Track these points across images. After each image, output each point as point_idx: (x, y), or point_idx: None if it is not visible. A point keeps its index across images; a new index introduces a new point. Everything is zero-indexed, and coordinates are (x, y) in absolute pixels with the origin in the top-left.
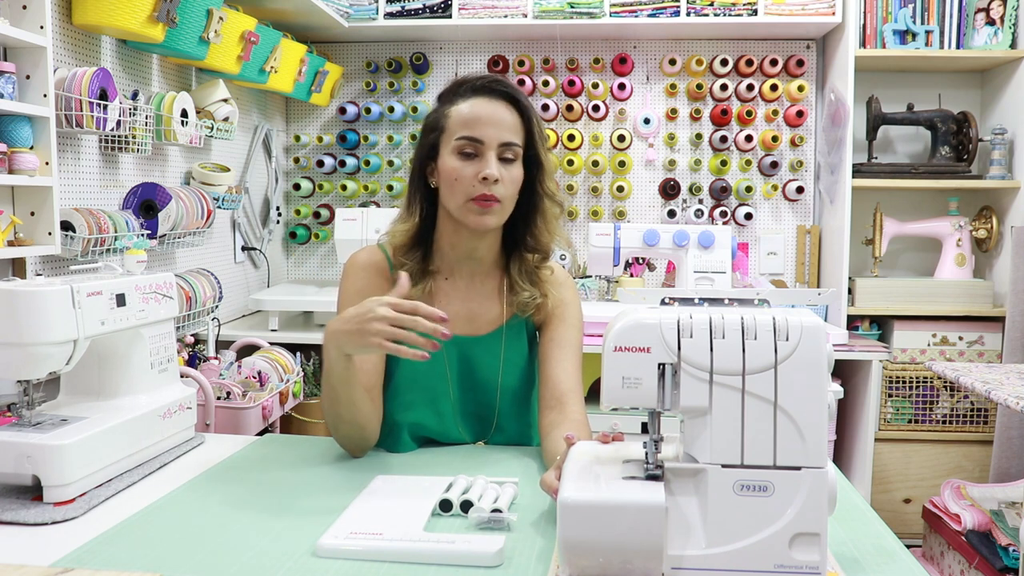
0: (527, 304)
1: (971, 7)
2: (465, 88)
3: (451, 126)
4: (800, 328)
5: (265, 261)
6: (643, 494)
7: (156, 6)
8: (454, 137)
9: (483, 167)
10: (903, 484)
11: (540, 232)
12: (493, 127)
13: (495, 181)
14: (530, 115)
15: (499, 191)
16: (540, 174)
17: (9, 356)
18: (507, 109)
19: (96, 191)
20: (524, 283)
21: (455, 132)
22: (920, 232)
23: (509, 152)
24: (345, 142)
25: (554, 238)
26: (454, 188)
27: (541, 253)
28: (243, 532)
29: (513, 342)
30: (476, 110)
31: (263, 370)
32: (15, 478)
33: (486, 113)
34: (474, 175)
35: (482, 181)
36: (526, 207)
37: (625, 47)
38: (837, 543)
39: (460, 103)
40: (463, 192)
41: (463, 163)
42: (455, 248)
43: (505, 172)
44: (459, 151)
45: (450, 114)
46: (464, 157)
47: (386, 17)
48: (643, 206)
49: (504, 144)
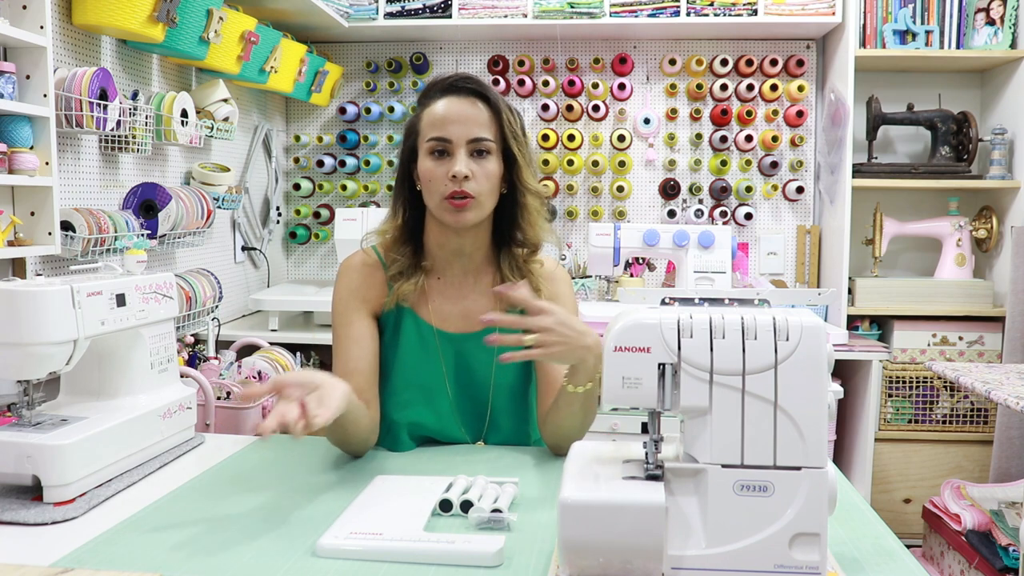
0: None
1: (971, 7)
2: (436, 89)
3: (423, 128)
4: (800, 328)
5: (265, 261)
6: (643, 494)
7: (156, 6)
8: (426, 139)
9: (452, 165)
10: (903, 484)
11: (525, 226)
12: (460, 124)
13: (464, 178)
14: (499, 109)
15: (471, 187)
16: (516, 168)
17: (9, 356)
18: (475, 105)
19: (96, 191)
20: (515, 278)
21: (427, 133)
22: (920, 232)
23: (480, 147)
24: (345, 142)
25: (538, 231)
26: (430, 188)
27: (529, 247)
28: (243, 532)
29: None
30: (444, 110)
31: (263, 370)
32: (15, 478)
33: (454, 111)
34: (445, 174)
35: (452, 179)
36: (510, 202)
37: (625, 47)
38: (837, 543)
39: (432, 104)
40: (438, 192)
41: (435, 163)
42: (443, 247)
43: (477, 167)
44: (431, 151)
45: (423, 116)
46: (436, 157)
47: (386, 17)
48: (643, 206)
49: (473, 140)
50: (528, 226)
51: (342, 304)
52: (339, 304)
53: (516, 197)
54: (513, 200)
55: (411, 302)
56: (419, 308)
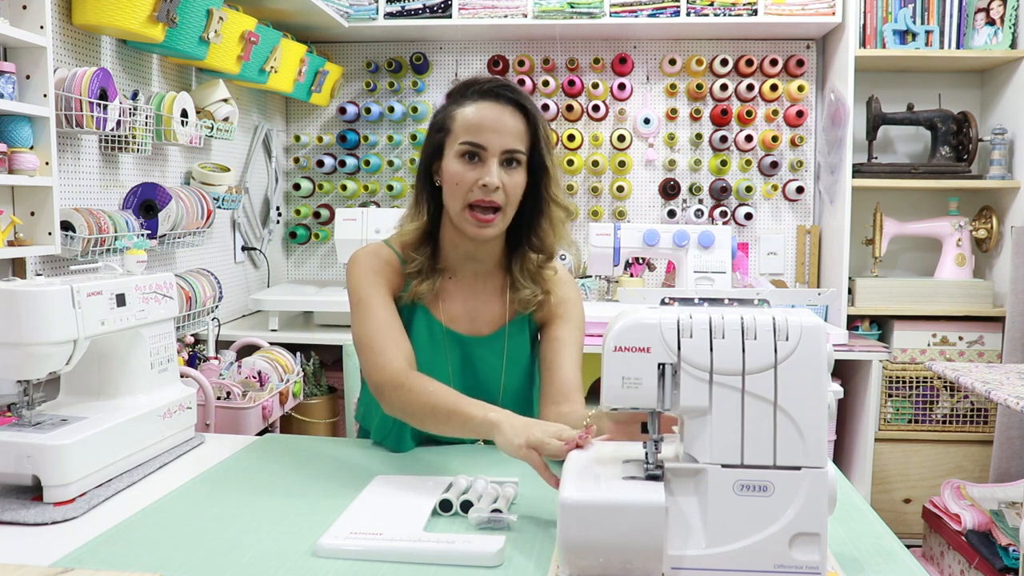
0: (529, 301)
1: (971, 7)
2: (472, 91)
3: (456, 129)
4: (800, 328)
5: (265, 261)
6: (643, 494)
7: (156, 6)
8: (458, 141)
9: (484, 174)
10: (903, 484)
11: (546, 235)
12: (497, 134)
13: (495, 189)
14: (536, 122)
15: (499, 198)
16: (546, 179)
17: (9, 356)
18: (513, 115)
19: (96, 191)
20: (526, 281)
21: (459, 136)
22: (920, 232)
23: (512, 157)
24: (345, 142)
25: (560, 241)
26: (455, 191)
27: (545, 254)
28: (243, 532)
29: (515, 342)
30: (481, 115)
31: (263, 370)
32: (15, 478)
33: (491, 119)
34: (475, 180)
35: (482, 188)
36: (531, 210)
37: (625, 47)
38: (837, 543)
39: (467, 106)
40: (463, 196)
41: (465, 167)
42: (457, 248)
43: (507, 179)
44: (462, 155)
45: (456, 116)
46: (467, 161)
47: (386, 17)
48: (643, 206)
49: (507, 151)
50: (551, 235)
51: (367, 284)
52: (362, 287)
53: (541, 207)
54: (537, 209)
55: (426, 300)
56: (431, 306)
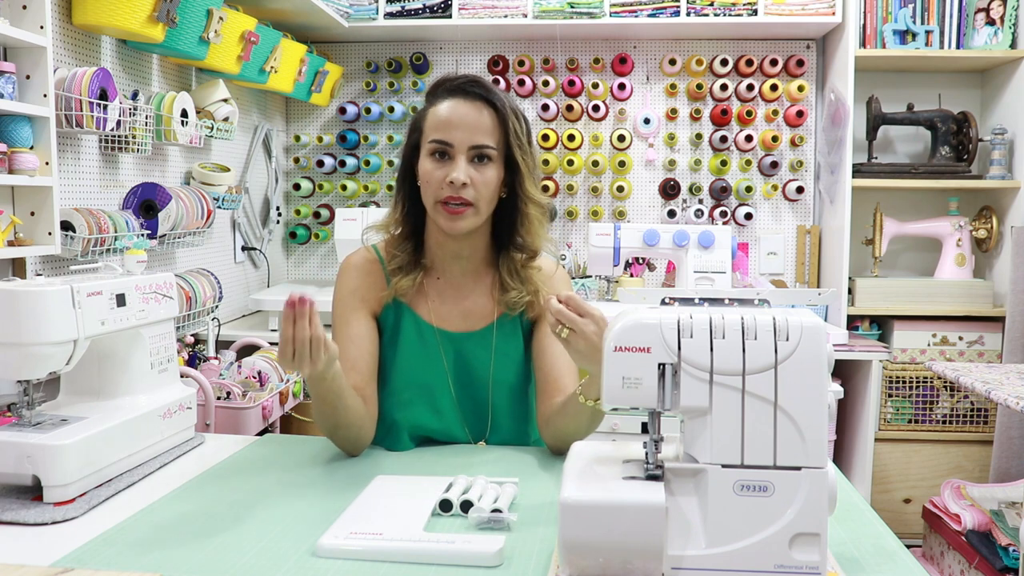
0: (515, 302)
1: (971, 7)
2: (443, 89)
3: (427, 128)
4: (800, 328)
5: (265, 261)
6: (643, 494)
7: (156, 6)
8: (428, 139)
9: (451, 171)
10: (903, 484)
11: (524, 233)
12: (464, 130)
13: (462, 185)
14: (506, 117)
15: (469, 194)
16: (519, 176)
17: (9, 356)
18: (481, 111)
19: (96, 191)
20: (512, 282)
21: (429, 134)
22: (920, 232)
23: (481, 153)
24: (345, 142)
25: (537, 240)
26: (426, 189)
27: (528, 253)
28: (243, 532)
29: (506, 337)
30: (450, 112)
31: (263, 370)
32: (15, 478)
33: (458, 115)
34: (443, 178)
35: (449, 185)
36: (510, 207)
37: (625, 47)
38: (837, 543)
39: (438, 104)
40: (433, 194)
41: (434, 165)
42: (443, 247)
43: (476, 175)
44: (431, 153)
45: (427, 115)
46: (436, 159)
47: (386, 17)
48: (643, 206)
49: (475, 147)
50: (527, 234)
51: (341, 304)
52: (338, 304)
53: (517, 204)
54: (513, 207)
55: (409, 300)
56: (418, 307)
